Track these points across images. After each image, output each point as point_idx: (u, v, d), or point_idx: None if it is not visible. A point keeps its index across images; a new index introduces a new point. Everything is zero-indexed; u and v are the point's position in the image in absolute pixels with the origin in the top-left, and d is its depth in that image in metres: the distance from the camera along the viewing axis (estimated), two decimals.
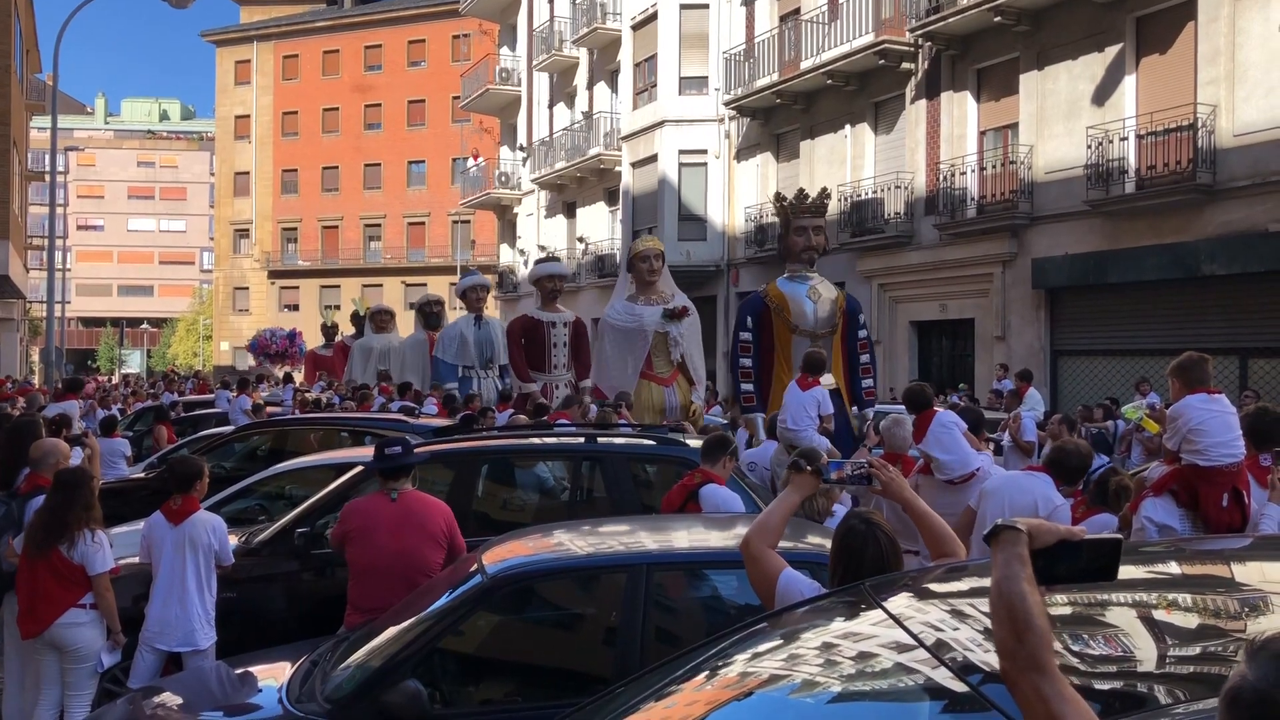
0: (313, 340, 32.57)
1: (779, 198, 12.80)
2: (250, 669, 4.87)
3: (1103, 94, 17.70)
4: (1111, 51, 17.57)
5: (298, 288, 56.89)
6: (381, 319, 23.29)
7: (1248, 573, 2.89)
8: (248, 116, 58.11)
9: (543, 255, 27.46)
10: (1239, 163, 15.64)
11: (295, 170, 57.18)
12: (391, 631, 4.42)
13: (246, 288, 58.28)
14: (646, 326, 12.97)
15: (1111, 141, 17.19)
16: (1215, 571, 2.91)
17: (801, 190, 12.50)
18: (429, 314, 19.94)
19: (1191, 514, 5.36)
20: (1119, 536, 1.97)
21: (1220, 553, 3.24)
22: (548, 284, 15.67)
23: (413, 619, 4.42)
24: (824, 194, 12.54)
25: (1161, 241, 16.61)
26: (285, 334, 33.95)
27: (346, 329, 28.06)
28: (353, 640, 4.68)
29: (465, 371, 16.83)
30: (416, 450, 5.99)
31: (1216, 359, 12.11)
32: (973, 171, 19.94)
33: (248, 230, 58.50)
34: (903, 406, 7.83)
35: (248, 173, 58.22)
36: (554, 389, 14.76)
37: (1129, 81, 17.36)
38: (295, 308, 55.96)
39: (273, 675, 4.61)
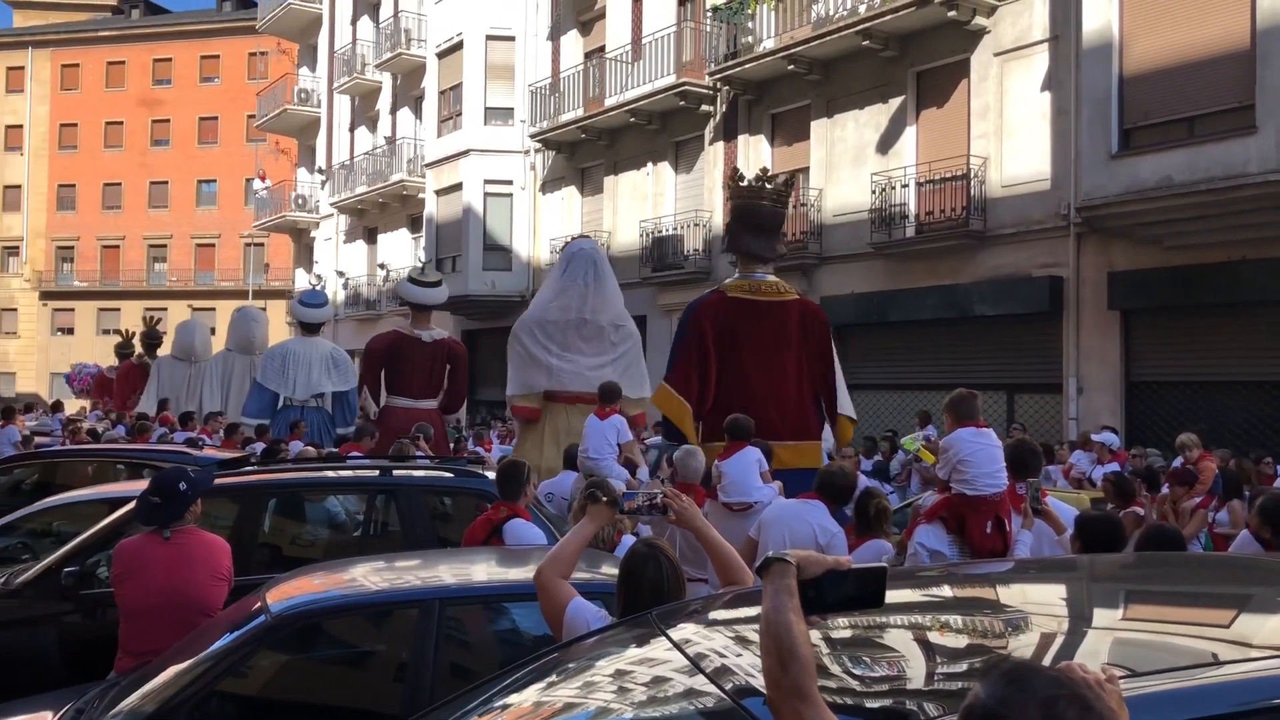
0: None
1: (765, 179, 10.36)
2: None
3: (886, 143, 18.74)
4: (895, 103, 18.64)
5: (73, 310, 53.22)
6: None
7: (1008, 595, 3.10)
8: (20, 126, 54.18)
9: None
10: (1007, 211, 16.85)
11: (73, 185, 53.62)
12: (166, 674, 4.17)
13: (15, 309, 54.03)
14: None
15: (894, 188, 18.20)
16: (976, 594, 3.11)
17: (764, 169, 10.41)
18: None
19: (959, 540, 5.67)
20: (883, 565, 2.06)
21: (982, 576, 3.46)
22: None
23: (190, 661, 4.19)
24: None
25: (938, 283, 17.67)
26: (91, 370, 28.92)
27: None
28: (124, 685, 4.40)
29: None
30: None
31: (986, 394, 12.97)
32: None
33: (17, 248, 54.37)
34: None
35: (19, 186, 54.19)
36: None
37: (910, 132, 18.45)
38: (70, 331, 52.41)
39: None
